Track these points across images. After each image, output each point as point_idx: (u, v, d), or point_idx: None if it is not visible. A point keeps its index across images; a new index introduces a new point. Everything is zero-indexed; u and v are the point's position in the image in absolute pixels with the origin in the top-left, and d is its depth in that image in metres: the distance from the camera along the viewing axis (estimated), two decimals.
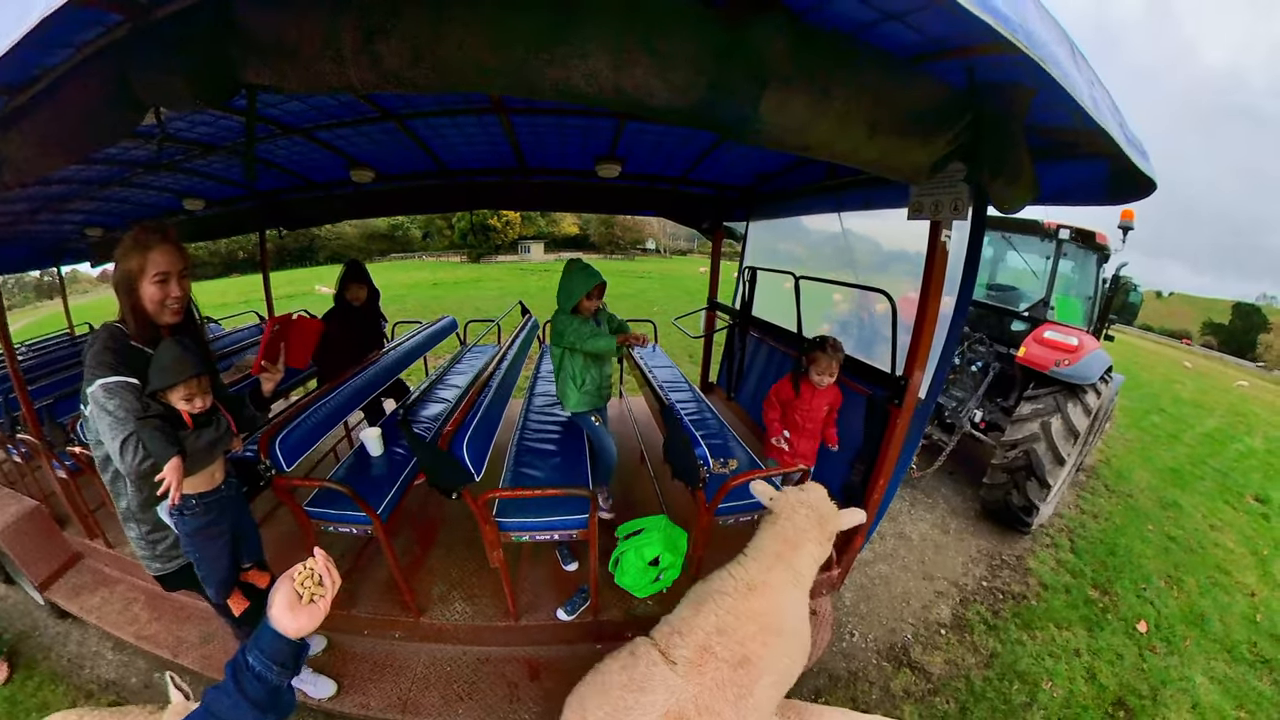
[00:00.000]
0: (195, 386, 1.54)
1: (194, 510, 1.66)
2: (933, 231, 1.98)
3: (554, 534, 2.12)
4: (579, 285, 2.55)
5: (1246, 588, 4.18)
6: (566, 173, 3.91)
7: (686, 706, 1.39)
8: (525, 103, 2.51)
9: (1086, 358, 4.04)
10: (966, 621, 3.33)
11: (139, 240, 1.52)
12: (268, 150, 3.30)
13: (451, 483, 1.93)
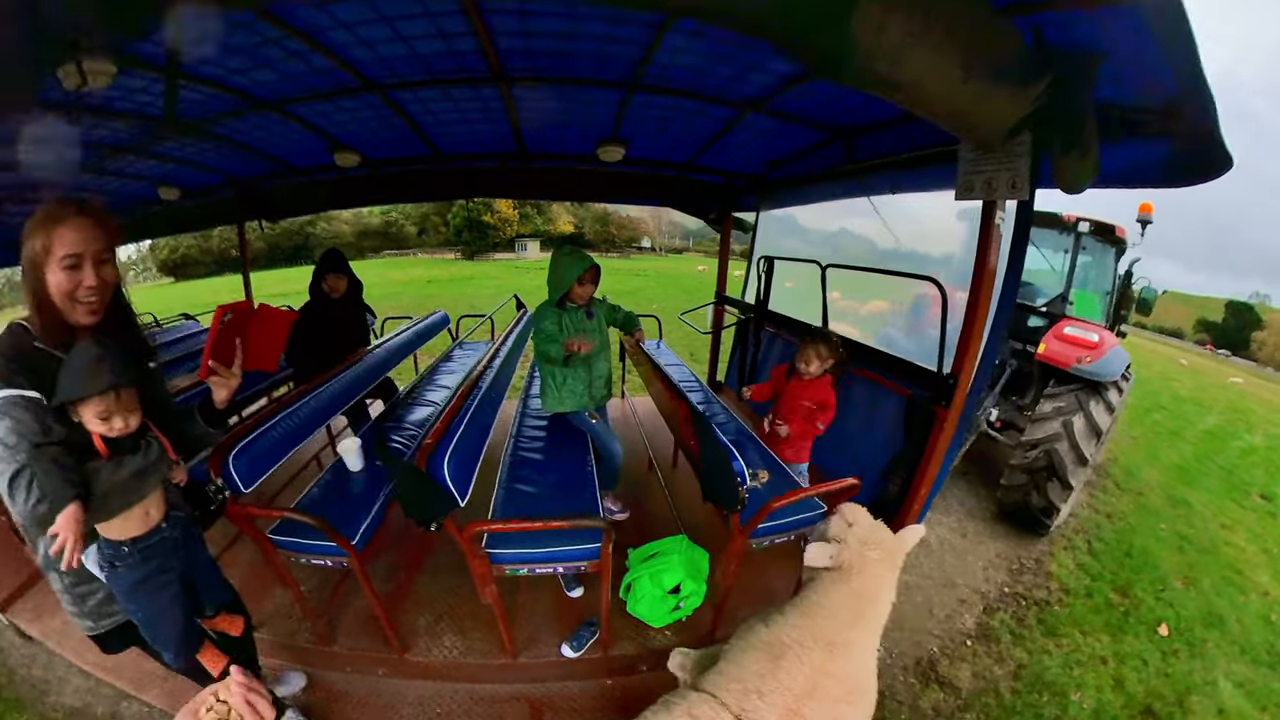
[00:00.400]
0: (114, 402, 1.18)
1: (127, 560, 1.30)
2: (985, 213, 1.79)
3: (558, 566, 1.79)
4: (568, 271, 2.31)
5: (1260, 587, 4.14)
6: (567, 158, 3.66)
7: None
8: (526, 70, 2.25)
9: (1108, 354, 3.90)
10: (991, 630, 3.21)
11: (49, 214, 1.17)
12: (241, 130, 3.03)
13: (429, 513, 1.61)
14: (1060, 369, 3.93)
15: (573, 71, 2.28)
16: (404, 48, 2.04)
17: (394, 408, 2.85)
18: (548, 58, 2.13)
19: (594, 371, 2.55)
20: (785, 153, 3.44)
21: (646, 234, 57.41)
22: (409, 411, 2.88)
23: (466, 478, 1.72)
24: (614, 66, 2.20)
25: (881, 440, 2.53)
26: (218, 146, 3.28)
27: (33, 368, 1.18)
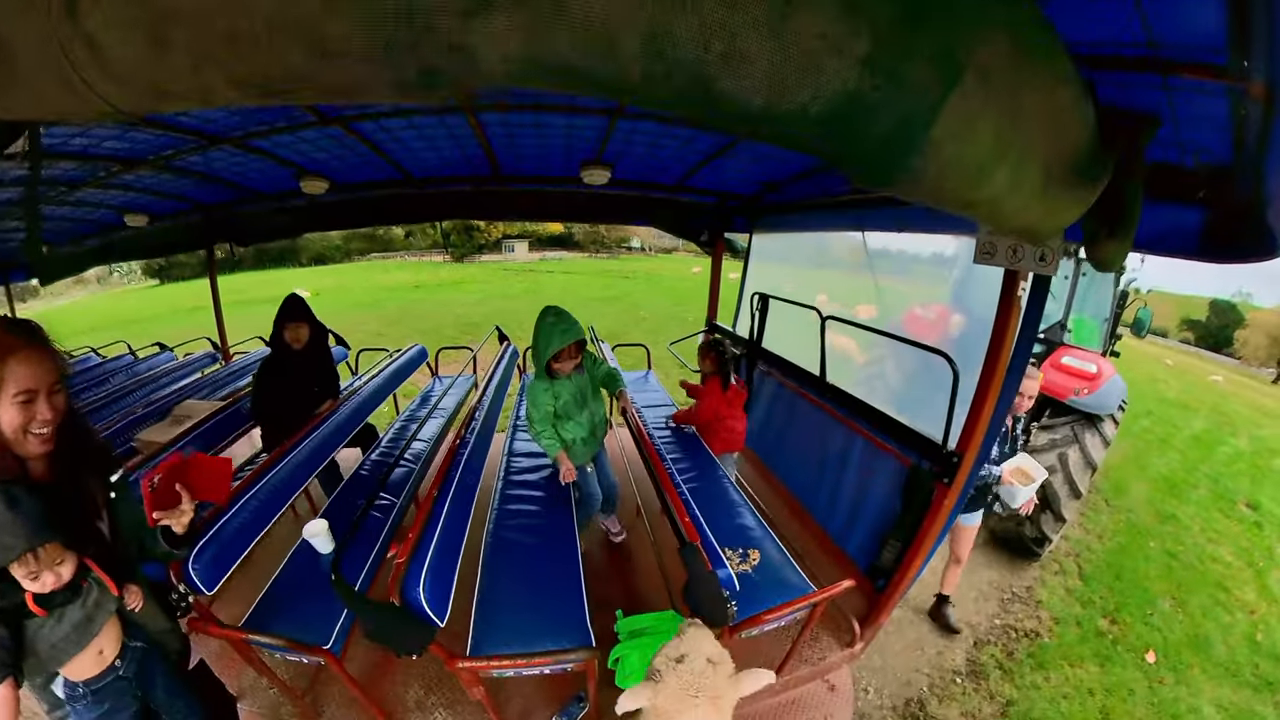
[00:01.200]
0: (35, 562, 1.09)
1: (83, 700, 1.25)
2: (1007, 281, 1.66)
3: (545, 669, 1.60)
4: (546, 345, 2.15)
5: (1246, 605, 4.20)
6: (548, 180, 3.48)
7: None
8: (495, 97, 2.07)
9: (1105, 385, 3.83)
10: (981, 666, 3.18)
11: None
12: (200, 163, 2.83)
13: (408, 647, 1.44)
14: (1056, 400, 3.83)
15: (545, 100, 2.11)
16: None
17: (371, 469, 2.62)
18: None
19: (595, 420, 2.48)
20: (781, 176, 3.28)
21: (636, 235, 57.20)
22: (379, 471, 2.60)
23: (445, 595, 1.53)
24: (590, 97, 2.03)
25: (877, 501, 2.38)
26: (178, 178, 3.08)
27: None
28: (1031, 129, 0.64)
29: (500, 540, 2.12)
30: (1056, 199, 0.83)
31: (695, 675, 1.18)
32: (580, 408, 2.39)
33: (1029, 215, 0.83)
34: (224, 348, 4.52)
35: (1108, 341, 4.61)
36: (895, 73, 0.48)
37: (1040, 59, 0.62)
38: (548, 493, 2.48)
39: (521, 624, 1.69)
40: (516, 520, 2.26)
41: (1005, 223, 0.89)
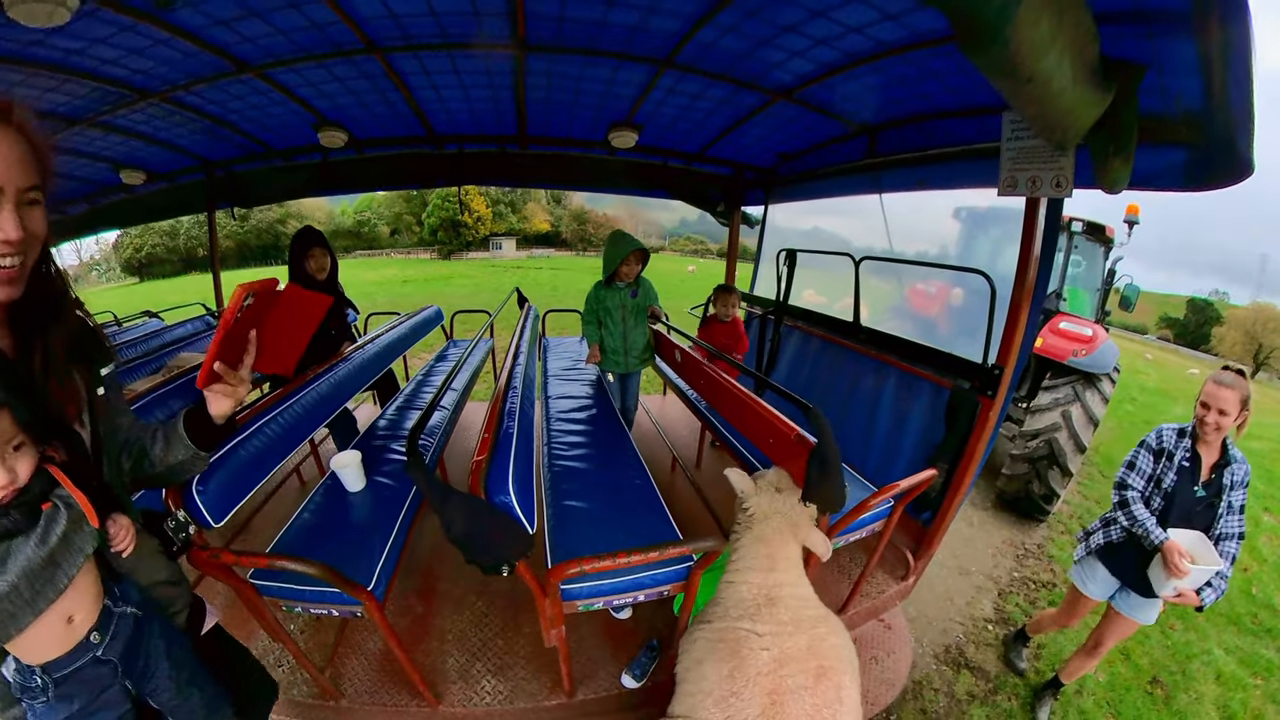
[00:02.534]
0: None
1: (40, 693, 0.81)
2: (1029, 210, 1.77)
3: (639, 594, 1.50)
4: (616, 251, 2.73)
5: (1239, 564, 4.15)
6: (571, 143, 3.45)
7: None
8: (551, 40, 2.03)
9: (1101, 347, 3.99)
10: (1008, 615, 3.27)
11: None
12: (217, 103, 2.70)
13: (500, 555, 1.26)
14: (1056, 362, 3.97)
15: (602, 44, 2.08)
16: (422, 3, 1.79)
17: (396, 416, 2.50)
18: (580, 26, 1.92)
19: (629, 341, 2.92)
20: (800, 146, 3.33)
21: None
22: (409, 419, 2.51)
23: (531, 500, 1.36)
24: (648, 41, 2.03)
25: (916, 430, 2.45)
26: (188, 121, 2.93)
27: None
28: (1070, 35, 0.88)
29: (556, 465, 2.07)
30: (1083, 91, 1.05)
31: (781, 497, 1.47)
32: (619, 321, 2.89)
33: (1067, 98, 1.02)
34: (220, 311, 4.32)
35: (1099, 311, 4.79)
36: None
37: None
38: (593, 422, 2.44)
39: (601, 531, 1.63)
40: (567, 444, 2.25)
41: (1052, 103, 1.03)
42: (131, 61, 2.17)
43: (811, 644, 1.27)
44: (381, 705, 1.67)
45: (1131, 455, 1.96)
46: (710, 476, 2.98)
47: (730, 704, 1.17)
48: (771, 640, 1.26)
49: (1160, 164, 1.56)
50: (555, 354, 3.89)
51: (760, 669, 1.21)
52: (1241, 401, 1.76)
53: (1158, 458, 1.89)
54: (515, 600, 2.10)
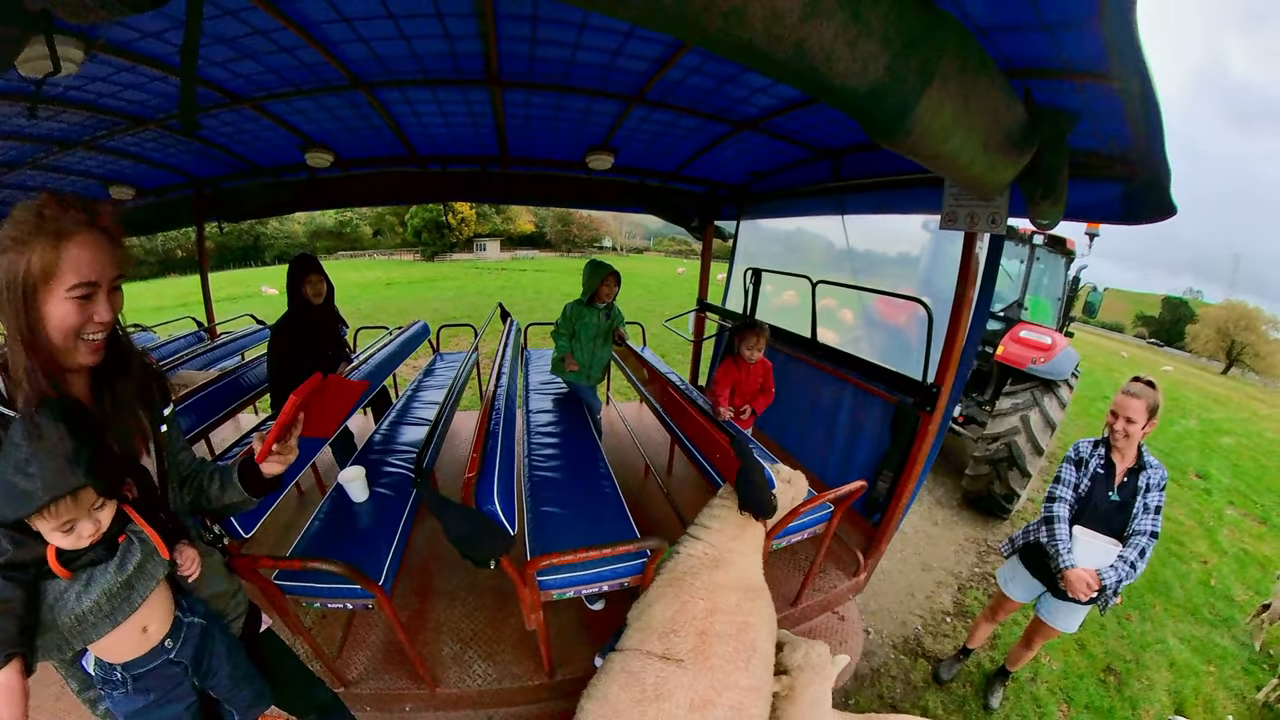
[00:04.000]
0: (71, 508, 0.85)
1: (120, 687, 0.99)
2: (967, 242, 1.97)
3: (603, 585, 1.77)
4: (593, 277, 3.13)
5: (1199, 556, 4.65)
6: (551, 164, 3.62)
7: (707, 692, 1.42)
8: (524, 76, 2.21)
9: (1060, 355, 4.24)
10: (967, 608, 3.46)
11: (49, 225, 0.85)
12: (209, 129, 2.84)
13: (488, 553, 1.51)
14: (1017, 369, 4.24)
15: (574, 81, 2.26)
16: (403, 46, 1.98)
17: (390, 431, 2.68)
18: (551, 64, 2.10)
19: (595, 358, 3.23)
20: (770, 166, 3.55)
21: (608, 234, 57.30)
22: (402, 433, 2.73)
23: (513, 507, 1.62)
24: (620, 79, 2.21)
25: (869, 441, 2.68)
26: (180, 143, 3.05)
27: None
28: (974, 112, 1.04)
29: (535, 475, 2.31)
30: (994, 159, 1.21)
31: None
32: (590, 339, 3.21)
33: (976, 168, 1.20)
34: (211, 326, 4.41)
35: (1061, 320, 5.08)
36: (900, 75, 0.85)
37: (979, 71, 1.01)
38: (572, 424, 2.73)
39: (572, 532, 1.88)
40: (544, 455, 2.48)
41: (961, 173, 1.21)
42: (129, 95, 2.30)
43: (740, 603, 1.57)
44: (386, 689, 1.89)
45: (1059, 470, 2.09)
46: (679, 482, 3.21)
47: (669, 639, 1.50)
48: (707, 594, 1.58)
49: (1099, 197, 1.75)
50: (536, 366, 4.09)
51: (696, 615, 1.54)
52: (1149, 410, 1.93)
53: (1078, 467, 2.04)
54: (501, 595, 2.33)
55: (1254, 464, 8.77)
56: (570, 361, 3.19)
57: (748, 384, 2.87)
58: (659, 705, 1.38)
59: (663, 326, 5.07)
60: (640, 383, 3.28)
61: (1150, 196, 1.62)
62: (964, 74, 0.93)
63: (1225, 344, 33.00)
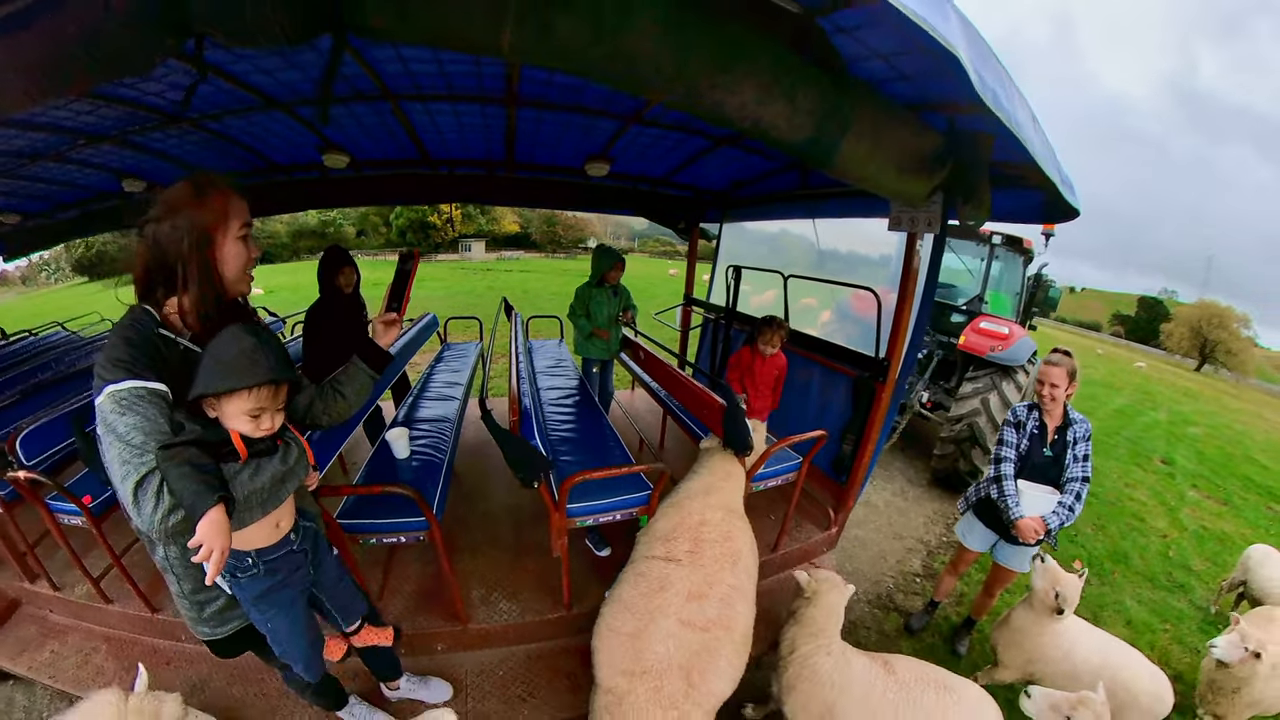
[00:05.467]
0: (268, 398, 1.07)
1: (250, 572, 1.21)
2: (909, 242, 2.39)
3: (617, 514, 2.20)
4: (602, 262, 3.69)
5: (1159, 531, 5.07)
6: (552, 169, 4.01)
7: (700, 584, 1.79)
8: (538, 96, 2.58)
9: (1016, 343, 4.74)
10: (934, 570, 3.87)
11: (213, 185, 1.13)
12: (237, 128, 3.09)
13: (535, 472, 1.92)
14: (978, 356, 4.74)
15: (583, 103, 2.65)
16: (435, 67, 2.32)
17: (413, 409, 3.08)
18: (563, 91, 2.48)
19: (611, 331, 3.76)
20: (748, 175, 3.99)
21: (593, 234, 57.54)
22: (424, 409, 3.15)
23: (547, 446, 2.05)
24: (622, 102, 2.61)
25: (836, 411, 3.14)
26: (204, 142, 3.22)
27: (157, 357, 1.08)
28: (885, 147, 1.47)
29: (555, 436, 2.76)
30: (907, 178, 1.65)
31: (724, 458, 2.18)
32: (605, 316, 3.69)
33: (893, 186, 1.65)
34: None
35: (1022, 313, 5.62)
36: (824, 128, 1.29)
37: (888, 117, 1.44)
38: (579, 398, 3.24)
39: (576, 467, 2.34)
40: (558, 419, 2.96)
41: (882, 189, 1.63)
42: (173, 94, 2.47)
43: (725, 518, 2.01)
44: (421, 631, 2.23)
45: (1001, 433, 2.45)
46: (670, 454, 3.66)
47: (669, 544, 1.91)
48: (699, 511, 2.02)
49: (1024, 203, 2.17)
50: (539, 355, 4.51)
51: (690, 525, 1.96)
52: (1069, 375, 2.29)
53: (1017, 429, 2.39)
54: (518, 550, 2.74)
55: (1219, 452, 9.30)
56: (600, 332, 3.67)
57: (762, 376, 3.16)
58: (663, 595, 1.75)
59: (653, 320, 5.47)
60: (636, 364, 3.70)
61: (1058, 202, 2.02)
62: (875, 121, 1.38)
63: (1198, 342, 34.51)
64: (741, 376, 3.11)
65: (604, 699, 1.67)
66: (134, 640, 2.34)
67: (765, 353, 3.07)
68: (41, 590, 2.50)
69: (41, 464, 2.42)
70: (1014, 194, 2.14)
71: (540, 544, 2.68)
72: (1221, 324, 34.10)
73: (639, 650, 1.66)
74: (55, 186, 3.72)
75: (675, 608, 1.73)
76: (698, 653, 1.68)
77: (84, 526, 2.18)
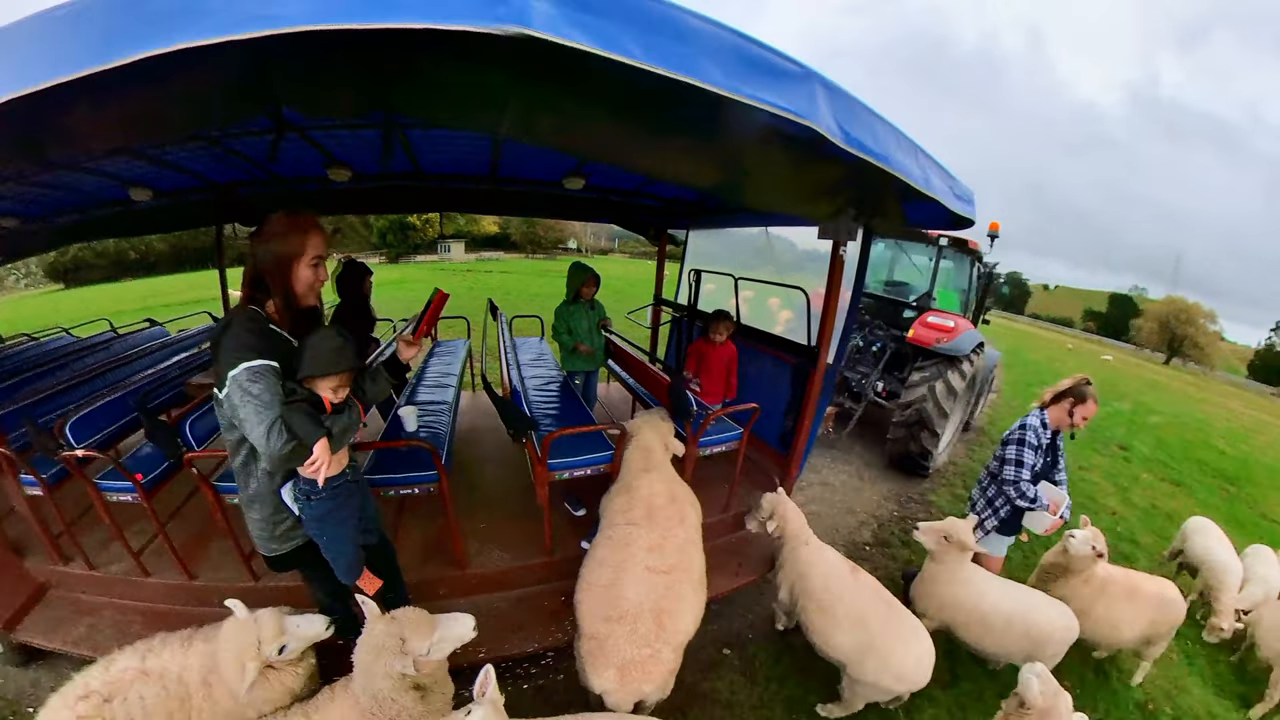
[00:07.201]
0: (346, 379, 1.62)
1: (320, 495, 1.70)
2: (834, 248, 2.90)
3: (588, 469, 2.80)
4: (576, 279, 4.10)
5: (1109, 509, 5.65)
6: (534, 183, 4.52)
7: (657, 538, 2.31)
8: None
9: (961, 335, 5.39)
10: (885, 540, 4.40)
11: (296, 223, 1.62)
12: (251, 145, 3.44)
13: (524, 428, 2.54)
14: (925, 348, 5.36)
15: None
16: None
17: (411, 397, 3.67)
18: None
19: (595, 344, 4.13)
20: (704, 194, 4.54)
21: (573, 235, 57.79)
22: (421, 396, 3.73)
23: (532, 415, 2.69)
24: None
25: (780, 393, 3.74)
26: (218, 158, 3.58)
27: (270, 344, 1.57)
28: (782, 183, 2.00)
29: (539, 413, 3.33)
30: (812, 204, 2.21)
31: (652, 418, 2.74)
32: (586, 330, 4.09)
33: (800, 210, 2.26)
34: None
35: (973, 310, 6.33)
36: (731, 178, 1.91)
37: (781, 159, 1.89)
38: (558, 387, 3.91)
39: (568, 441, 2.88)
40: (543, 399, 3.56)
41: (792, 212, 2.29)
42: None
43: (667, 488, 2.57)
44: (425, 578, 2.70)
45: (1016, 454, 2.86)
46: None
47: (628, 514, 2.41)
48: (645, 486, 2.53)
49: (931, 213, 2.57)
50: (523, 350, 5.06)
51: (641, 498, 2.46)
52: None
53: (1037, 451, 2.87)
54: (508, 512, 3.27)
55: (1178, 438, 10.13)
56: (583, 347, 4.06)
57: (715, 362, 3.85)
58: (628, 549, 2.24)
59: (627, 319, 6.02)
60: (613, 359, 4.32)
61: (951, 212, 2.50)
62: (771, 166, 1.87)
63: (1167, 336, 36.38)
64: (697, 363, 3.69)
65: (588, 644, 2.04)
66: (170, 611, 2.57)
67: (716, 341, 3.69)
68: (74, 571, 2.72)
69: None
70: (922, 206, 2.57)
71: (526, 509, 3.18)
72: (1189, 319, 36.03)
73: (614, 598, 2.09)
74: (59, 192, 3.81)
75: (640, 558, 2.21)
76: (664, 594, 2.12)
77: (129, 502, 2.54)
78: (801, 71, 1.36)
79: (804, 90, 1.38)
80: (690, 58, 1.13)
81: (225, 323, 1.64)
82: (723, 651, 3.00)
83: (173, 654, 1.85)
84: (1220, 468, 8.58)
